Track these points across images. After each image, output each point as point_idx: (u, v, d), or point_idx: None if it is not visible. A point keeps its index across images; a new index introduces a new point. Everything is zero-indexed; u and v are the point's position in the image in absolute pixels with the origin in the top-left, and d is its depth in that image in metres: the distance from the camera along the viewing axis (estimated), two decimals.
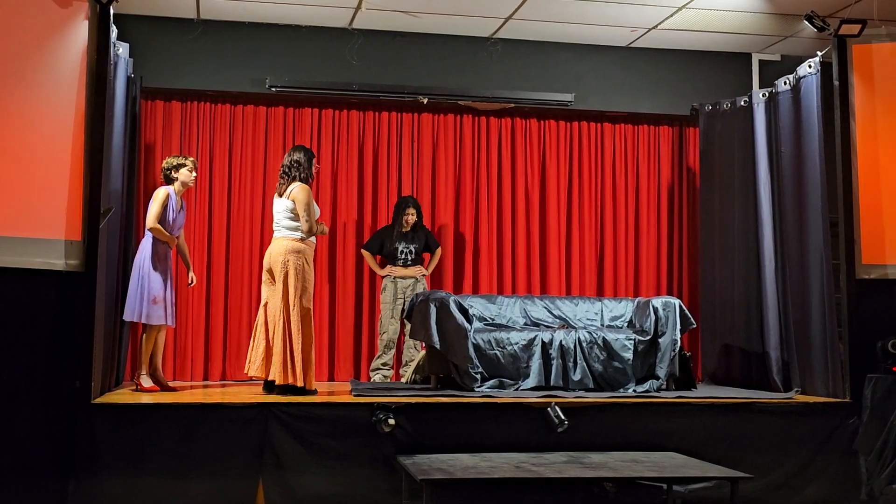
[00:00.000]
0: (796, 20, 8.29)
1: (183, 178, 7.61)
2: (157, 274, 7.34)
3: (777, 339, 8.22)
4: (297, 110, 9.29)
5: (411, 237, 8.87)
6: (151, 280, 7.31)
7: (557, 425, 6.59)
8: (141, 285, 7.29)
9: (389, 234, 8.87)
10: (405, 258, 8.83)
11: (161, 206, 7.41)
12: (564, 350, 7.63)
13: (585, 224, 9.75)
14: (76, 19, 6.41)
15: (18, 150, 6.15)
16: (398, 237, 8.83)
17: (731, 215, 8.84)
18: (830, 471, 7.05)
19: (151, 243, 7.37)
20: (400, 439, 6.48)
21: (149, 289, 7.29)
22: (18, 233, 6.08)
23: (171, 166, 7.62)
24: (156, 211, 7.38)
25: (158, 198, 7.44)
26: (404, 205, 8.89)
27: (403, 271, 8.81)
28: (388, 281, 8.81)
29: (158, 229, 7.36)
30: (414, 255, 8.86)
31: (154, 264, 7.33)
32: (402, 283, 8.80)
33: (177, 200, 7.58)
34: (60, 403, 6.13)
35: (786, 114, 8.15)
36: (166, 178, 7.63)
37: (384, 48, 9.06)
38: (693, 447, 6.72)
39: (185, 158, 7.68)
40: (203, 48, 8.76)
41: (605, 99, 9.51)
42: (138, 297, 7.29)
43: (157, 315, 7.34)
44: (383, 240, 8.89)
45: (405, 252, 8.82)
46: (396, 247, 8.81)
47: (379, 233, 9.01)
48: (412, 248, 8.85)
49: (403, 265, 8.83)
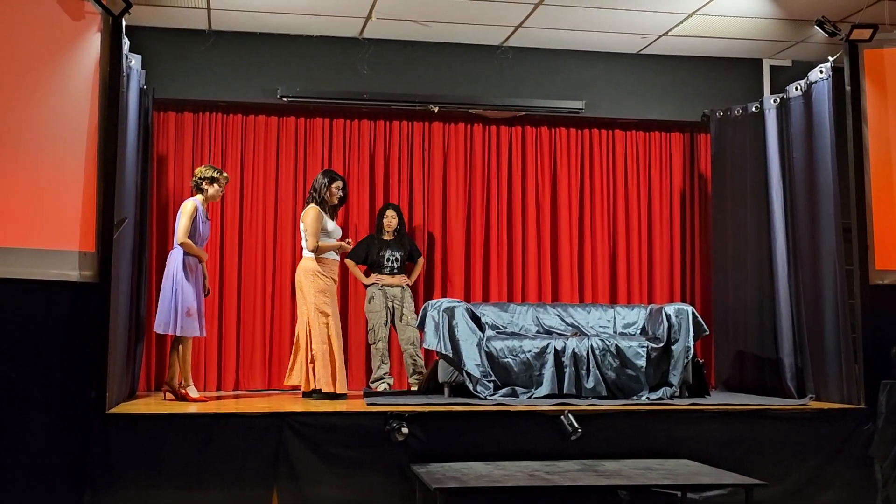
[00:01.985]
0: (807, 25, 8.28)
1: (212, 193, 7.63)
2: (190, 286, 7.36)
3: (791, 345, 8.20)
4: (308, 120, 9.31)
5: (396, 245, 8.82)
6: (185, 292, 7.32)
7: (571, 433, 6.58)
8: (175, 298, 7.30)
9: (374, 243, 8.81)
10: (391, 266, 8.74)
11: (190, 219, 7.41)
12: (577, 358, 7.63)
13: (597, 231, 9.74)
14: (89, 32, 6.45)
15: (32, 163, 6.18)
16: (383, 245, 8.79)
17: (744, 221, 8.82)
18: (845, 477, 7.01)
19: (182, 255, 7.38)
20: (413, 448, 6.48)
21: (182, 301, 7.31)
22: (33, 244, 6.11)
23: (203, 177, 7.61)
24: (185, 225, 7.39)
25: (187, 211, 7.44)
26: (384, 210, 8.87)
27: (390, 279, 8.72)
28: (376, 289, 8.70)
29: (189, 244, 7.37)
30: (399, 262, 8.78)
31: (186, 276, 7.35)
32: (389, 291, 8.71)
33: (203, 212, 7.60)
34: (76, 414, 6.15)
35: (797, 119, 8.14)
36: (196, 187, 7.63)
37: (395, 57, 9.08)
38: (707, 454, 6.70)
39: (219, 174, 7.67)
40: (214, 59, 8.79)
41: (615, 106, 9.51)
42: (172, 309, 7.30)
43: (192, 327, 7.37)
44: (368, 249, 8.81)
45: (391, 260, 8.75)
46: (382, 255, 8.74)
47: (363, 242, 8.87)
48: (398, 255, 8.78)
49: (390, 273, 8.73)
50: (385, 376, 8.67)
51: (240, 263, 9.09)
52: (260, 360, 8.99)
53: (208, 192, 7.62)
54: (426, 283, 9.41)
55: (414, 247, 9.04)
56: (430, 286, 9.38)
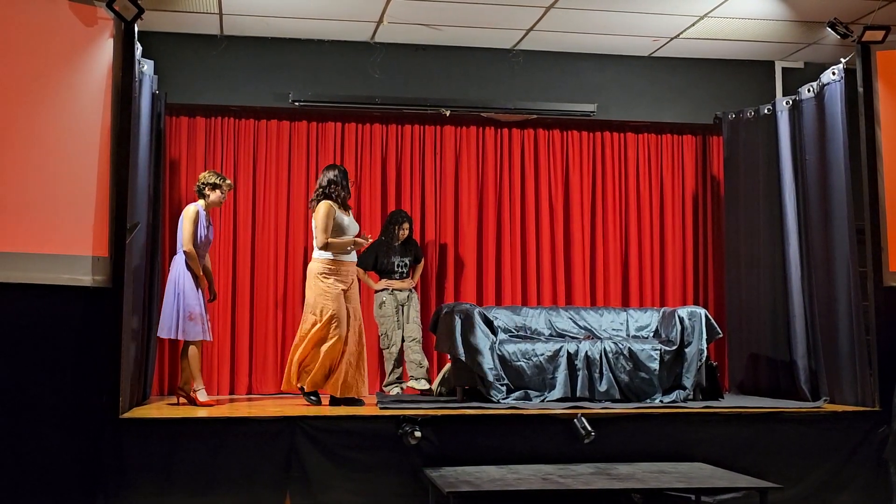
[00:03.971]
0: (819, 27, 8.26)
1: (214, 199, 7.65)
2: (193, 290, 7.39)
3: (804, 347, 8.18)
4: (320, 124, 9.33)
5: (405, 251, 8.92)
6: (187, 297, 7.36)
7: (584, 437, 6.56)
8: (177, 302, 7.34)
9: (384, 249, 8.86)
10: (401, 271, 8.87)
11: (193, 224, 7.44)
12: (590, 361, 7.62)
13: (610, 234, 9.73)
14: (101, 37, 6.47)
15: (45, 168, 6.21)
16: (393, 251, 8.85)
17: (756, 224, 8.80)
18: (860, 480, 6.98)
19: (185, 260, 7.42)
20: (426, 452, 6.47)
21: (184, 305, 7.34)
22: (46, 249, 6.13)
23: (206, 183, 7.64)
24: (190, 231, 7.42)
25: (189, 216, 7.46)
26: (399, 220, 8.90)
27: (400, 283, 8.84)
28: (387, 294, 8.79)
29: (192, 255, 7.41)
30: (408, 267, 8.92)
31: (189, 280, 7.37)
32: (399, 295, 8.82)
33: (205, 216, 7.62)
34: (88, 418, 6.16)
35: (810, 121, 8.12)
36: (199, 192, 7.66)
37: (406, 61, 9.09)
38: (721, 457, 6.68)
39: (222, 180, 7.69)
40: (226, 64, 8.82)
41: (627, 109, 9.50)
42: (175, 314, 7.33)
43: (195, 331, 7.39)
44: (377, 254, 8.85)
45: (401, 265, 8.86)
46: (392, 261, 8.83)
47: (371, 248, 8.74)
48: (406, 260, 8.90)
49: (400, 278, 8.86)
50: (397, 381, 8.69)
51: (252, 267, 9.10)
52: (273, 364, 9.00)
53: (210, 198, 7.64)
54: (437, 286, 9.42)
55: (418, 250, 9.11)
56: (441, 290, 9.39)
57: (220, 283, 8.89)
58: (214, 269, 8.47)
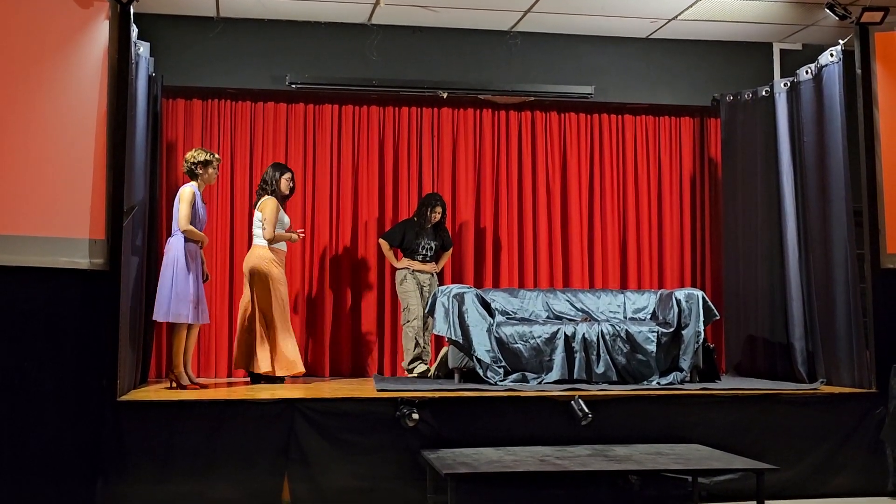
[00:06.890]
0: (817, 8, 8.24)
1: (207, 176, 7.62)
2: (189, 273, 7.36)
3: (801, 329, 8.18)
4: (317, 107, 9.32)
5: (433, 234, 8.86)
6: (184, 279, 7.32)
7: (581, 418, 6.59)
8: (174, 285, 7.31)
9: (412, 229, 8.83)
10: (425, 254, 8.81)
11: (190, 205, 7.39)
12: (587, 343, 7.62)
13: (607, 216, 9.73)
14: (97, 19, 6.45)
15: (41, 150, 6.19)
16: (421, 233, 8.81)
17: (754, 206, 8.79)
18: (856, 462, 7.01)
19: (182, 242, 7.38)
20: (424, 434, 6.49)
21: (181, 288, 7.32)
22: (43, 232, 6.13)
23: (196, 161, 7.57)
24: (186, 212, 7.37)
25: (185, 198, 7.42)
26: (433, 202, 8.83)
27: (422, 266, 8.79)
28: (408, 273, 8.75)
29: (191, 230, 7.37)
30: (433, 251, 8.86)
31: (186, 263, 7.35)
32: (420, 276, 8.78)
33: (200, 196, 7.60)
34: (87, 401, 6.18)
35: (808, 103, 8.11)
36: (190, 172, 7.61)
37: (403, 43, 9.06)
38: (718, 439, 6.70)
39: (211, 156, 7.63)
40: (223, 46, 8.78)
41: (625, 91, 9.47)
42: (171, 296, 7.30)
43: (193, 314, 7.36)
44: (405, 233, 8.84)
45: (426, 248, 8.81)
46: (419, 242, 8.78)
47: (400, 225, 8.93)
48: (433, 244, 8.84)
49: (423, 261, 8.81)
50: (421, 358, 8.64)
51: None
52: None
53: (203, 177, 7.61)
54: None
55: (447, 237, 9.06)
56: (440, 272, 9.38)
57: (217, 266, 8.89)
58: (212, 252, 8.46)
